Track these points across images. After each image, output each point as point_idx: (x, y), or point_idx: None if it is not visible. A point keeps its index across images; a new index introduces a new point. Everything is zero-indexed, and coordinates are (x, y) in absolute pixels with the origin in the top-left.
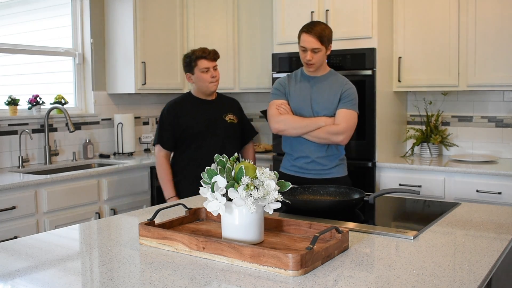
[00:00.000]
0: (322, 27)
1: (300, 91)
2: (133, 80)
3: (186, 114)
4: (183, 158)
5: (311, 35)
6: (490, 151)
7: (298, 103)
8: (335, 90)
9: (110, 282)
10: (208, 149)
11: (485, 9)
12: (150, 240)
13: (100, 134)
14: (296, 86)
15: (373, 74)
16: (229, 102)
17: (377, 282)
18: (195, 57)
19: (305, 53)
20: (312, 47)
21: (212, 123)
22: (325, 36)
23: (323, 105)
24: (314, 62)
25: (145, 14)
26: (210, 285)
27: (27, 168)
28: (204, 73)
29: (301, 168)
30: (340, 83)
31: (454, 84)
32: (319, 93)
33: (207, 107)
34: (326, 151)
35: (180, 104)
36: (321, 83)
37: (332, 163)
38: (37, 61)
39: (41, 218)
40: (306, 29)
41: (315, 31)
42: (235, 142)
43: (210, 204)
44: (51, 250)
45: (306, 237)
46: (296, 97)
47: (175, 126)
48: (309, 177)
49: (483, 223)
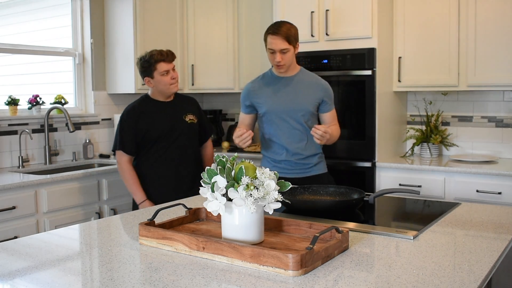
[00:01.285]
0: (287, 27)
1: (275, 93)
2: (133, 80)
3: (146, 117)
4: (146, 162)
5: (278, 36)
6: (490, 151)
7: (273, 105)
8: (314, 92)
9: (110, 282)
10: (171, 151)
11: (485, 9)
12: (150, 240)
13: (100, 134)
14: (268, 89)
15: (373, 74)
16: (188, 101)
17: (377, 282)
18: (154, 60)
19: (273, 55)
20: (280, 48)
21: (172, 125)
22: (292, 35)
23: (301, 104)
24: (284, 63)
25: (145, 14)
26: (210, 285)
27: (27, 168)
28: (164, 76)
29: (283, 169)
30: (317, 84)
31: (454, 84)
32: (296, 92)
33: (166, 109)
34: (304, 149)
35: (139, 108)
36: (295, 82)
37: (313, 159)
38: (37, 61)
39: (41, 218)
40: (271, 30)
41: (282, 32)
42: (196, 142)
43: (210, 204)
44: (51, 250)
45: (306, 237)
46: (270, 100)
47: (135, 130)
48: (291, 177)
49: (483, 223)
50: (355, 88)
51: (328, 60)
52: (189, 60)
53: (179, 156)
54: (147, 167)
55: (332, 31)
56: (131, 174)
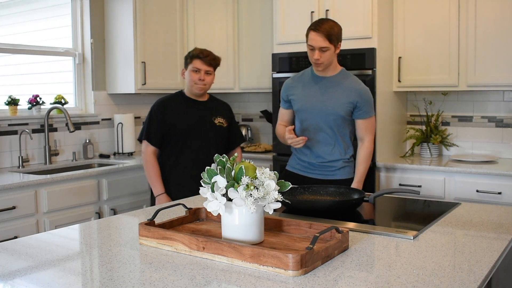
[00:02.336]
0: (330, 25)
1: (309, 93)
2: (133, 80)
3: (173, 112)
4: (169, 156)
5: (319, 33)
6: (490, 151)
7: (306, 105)
8: (349, 95)
9: (110, 282)
10: (194, 150)
11: (485, 9)
12: (150, 240)
13: (100, 134)
14: (304, 87)
15: (373, 74)
16: (221, 105)
17: (377, 282)
18: (192, 54)
19: (313, 52)
20: (319, 45)
21: (199, 124)
22: (334, 34)
23: (333, 108)
24: (322, 61)
25: (145, 14)
26: (210, 285)
27: (27, 168)
28: (194, 72)
29: (307, 168)
30: (354, 87)
31: (454, 84)
32: (330, 94)
33: (196, 107)
34: (330, 154)
35: (169, 102)
36: (332, 84)
37: (338, 164)
38: (37, 61)
39: (41, 218)
40: (313, 27)
41: (323, 29)
42: (221, 146)
43: (210, 204)
44: (51, 250)
45: (306, 237)
46: (304, 99)
47: (161, 122)
48: (314, 177)
49: (483, 223)
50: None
51: None
52: None
53: (202, 156)
54: (169, 162)
55: None
56: (153, 165)
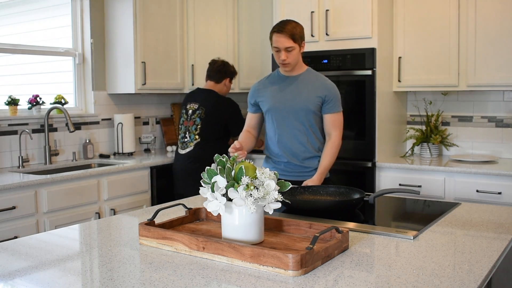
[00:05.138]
0: (292, 25)
1: (278, 92)
2: (133, 80)
3: None
4: None
5: (283, 34)
6: (490, 151)
7: (276, 103)
8: (317, 90)
9: (110, 282)
10: None
11: (485, 9)
12: (150, 240)
13: (100, 134)
14: (273, 87)
15: (373, 74)
16: None
17: (377, 282)
18: None
19: (279, 54)
20: (285, 46)
21: None
22: (297, 33)
23: (303, 103)
24: (289, 62)
25: (145, 14)
26: (210, 285)
27: (27, 168)
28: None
29: (284, 171)
30: (322, 83)
31: (454, 84)
32: (299, 91)
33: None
34: (304, 151)
35: None
36: (301, 81)
37: (314, 163)
38: (37, 61)
39: (41, 218)
40: (276, 29)
41: (287, 30)
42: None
43: (210, 204)
44: (51, 250)
45: (306, 237)
46: (274, 98)
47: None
48: (292, 179)
49: (483, 223)
50: (355, 88)
51: (328, 60)
52: (189, 60)
53: None
54: None
55: (332, 31)
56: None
